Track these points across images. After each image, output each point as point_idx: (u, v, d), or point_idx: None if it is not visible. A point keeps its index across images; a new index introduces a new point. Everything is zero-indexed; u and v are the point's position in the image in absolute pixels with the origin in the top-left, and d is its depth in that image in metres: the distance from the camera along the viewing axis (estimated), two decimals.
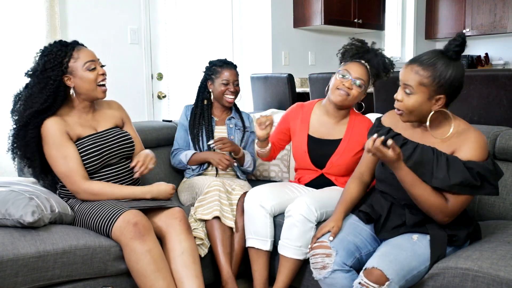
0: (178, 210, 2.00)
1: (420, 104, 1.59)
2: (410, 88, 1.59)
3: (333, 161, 2.17)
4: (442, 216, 1.61)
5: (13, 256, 1.67)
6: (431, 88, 1.56)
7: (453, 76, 1.55)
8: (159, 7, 3.73)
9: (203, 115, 2.59)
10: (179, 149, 2.60)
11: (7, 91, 2.86)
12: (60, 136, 1.93)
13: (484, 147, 1.58)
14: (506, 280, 1.43)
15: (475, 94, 2.59)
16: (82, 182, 1.94)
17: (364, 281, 1.53)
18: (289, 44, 4.38)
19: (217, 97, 2.59)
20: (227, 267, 2.07)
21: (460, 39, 1.56)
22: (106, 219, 1.85)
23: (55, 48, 1.96)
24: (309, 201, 1.97)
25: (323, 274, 1.67)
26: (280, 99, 3.62)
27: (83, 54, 1.98)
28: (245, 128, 2.66)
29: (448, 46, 1.58)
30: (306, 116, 2.26)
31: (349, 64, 2.12)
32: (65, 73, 1.95)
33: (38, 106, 1.90)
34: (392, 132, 1.75)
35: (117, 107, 2.22)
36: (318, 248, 1.72)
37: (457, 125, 1.64)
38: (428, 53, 1.61)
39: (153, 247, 1.81)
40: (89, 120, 2.06)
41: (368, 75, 2.12)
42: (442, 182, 1.57)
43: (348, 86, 2.09)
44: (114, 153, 2.05)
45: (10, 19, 2.88)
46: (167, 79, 3.85)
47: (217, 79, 2.56)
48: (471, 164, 1.55)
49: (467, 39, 1.64)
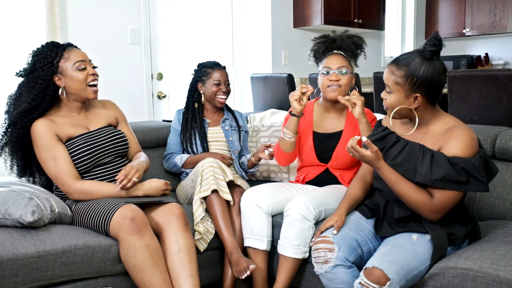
0: (175, 206, 1.99)
1: (399, 102, 1.65)
2: (389, 87, 1.66)
3: (337, 152, 2.19)
4: (428, 213, 1.62)
5: (13, 256, 1.67)
6: (406, 87, 1.62)
7: (427, 75, 1.59)
8: (159, 7, 3.73)
9: (195, 118, 2.60)
10: (173, 153, 2.61)
11: (7, 91, 2.87)
12: (49, 138, 1.94)
13: (470, 144, 1.59)
14: (506, 280, 1.43)
15: (475, 94, 2.59)
16: (73, 183, 1.95)
17: (364, 281, 1.53)
18: (289, 44, 4.38)
19: (209, 98, 2.60)
20: (230, 238, 2.08)
21: (434, 39, 1.61)
22: (103, 216, 1.86)
23: (46, 48, 1.99)
24: (307, 200, 1.97)
25: (324, 269, 1.68)
26: (280, 99, 3.62)
27: (73, 54, 2.00)
28: (239, 128, 2.68)
29: (424, 46, 1.62)
30: (309, 114, 2.29)
31: (326, 60, 2.18)
32: (55, 73, 1.97)
33: (26, 105, 1.92)
34: (387, 130, 1.78)
35: (111, 106, 2.23)
36: (320, 243, 1.72)
37: (446, 122, 1.67)
38: (408, 53, 1.67)
39: (150, 242, 1.82)
40: (81, 119, 2.07)
41: (347, 60, 2.18)
42: (424, 178, 1.59)
43: (335, 79, 2.12)
44: (107, 152, 2.06)
45: (10, 19, 2.88)
46: (167, 79, 3.85)
47: (208, 80, 2.58)
48: (456, 160, 1.56)
49: (467, 39, 1.67)
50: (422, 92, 1.61)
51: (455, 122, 1.66)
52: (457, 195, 1.61)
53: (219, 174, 2.19)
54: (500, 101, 2.51)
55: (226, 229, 2.10)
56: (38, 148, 1.95)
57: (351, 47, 2.19)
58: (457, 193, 1.60)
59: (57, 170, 1.94)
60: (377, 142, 1.75)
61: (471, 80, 2.59)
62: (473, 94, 2.59)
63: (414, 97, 1.63)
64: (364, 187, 1.90)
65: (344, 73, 2.13)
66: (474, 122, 2.60)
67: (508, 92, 2.47)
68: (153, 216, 1.97)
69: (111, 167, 2.07)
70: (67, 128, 2.01)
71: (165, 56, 3.80)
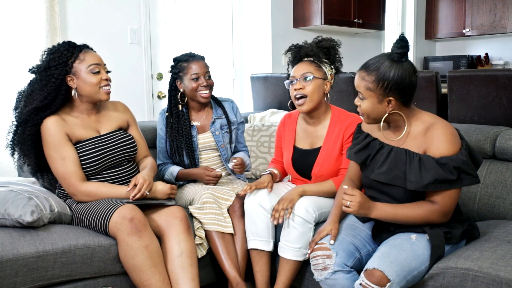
0: (178, 209, 1.99)
1: (372, 108, 1.64)
2: (361, 94, 1.65)
3: (315, 172, 2.12)
4: (438, 219, 1.62)
5: (13, 256, 1.67)
6: (378, 92, 1.61)
7: (397, 77, 1.58)
8: (159, 7, 3.73)
9: (181, 125, 2.36)
10: (163, 163, 2.44)
11: (7, 91, 2.87)
12: (60, 137, 1.93)
13: (452, 140, 1.59)
14: (506, 280, 1.43)
15: (475, 94, 2.59)
16: (79, 184, 1.94)
17: (365, 282, 1.53)
18: (289, 44, 4.29)
19: (191, 95, 2.36)
20: (233, 272, 2.03)
21: (401, 41, 1.61)
22: (102, 215, 1.86)
23: (62, 47, 1.98)
24: (307, 203, 1.97)
25: (324, 275, 1.67)
26: (280, 99, 3.61)
27: (89, 56, 1.99)
28: (230, 125, 2.46)
29: (392, 49, 1.62)
30: (293, 127, 2.23)
31: (293, 70, 2.11)
32: (68, 73, 1.95)
33: (37, 103, 1.91)
34: (369, 137, 1.77)
35: (123, 109, 2.21)
36: (318, 250, 1.72)
37: (423, 120, 1.66)
38: (376, 57, 1.66)
39: (149, 243, 1.82)
40: (92, 122, 2.06)
41: (314, 65, 2.08)
42: (416, 184, 1.59)
43: (298, 87, 2.05)
44: (116, 157, 2.06)
45: (10, 19, 2.88)
46: (167, 79, 3.84)
47: (186, 75, 2.33)
48: (444, 160, 1.56)
49: (467, 39, 1.68)
50: (395, 95, 1.61)
51: (432, 119, 1.66)
52: (456, 192, 1.61)
53: (216, 209, 2.12)
54: (500, 101, 2.51)
55: (229, 262, 2.04)
56: (47, 146, 1.94)
57: (318, 50, 2.09)
58: (455, 190, 1.60)
59: (65, 171, 1.93)
60: (361, 151, 1.76)
61: (471, 80, 2.59)
62: (473, 94, 2.59)
63: (388, 101, 1.62)
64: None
65: (307, 79, 2.04)
66: (474, 122, 2.60)
67: (508, 92, 2.47)
68: (156, 218, 1.97)
69: (118, 170, 2.07)
70: (78, 129, 2.00)
71: (165, 56, 3.80)
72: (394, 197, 1.70)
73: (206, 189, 2.23)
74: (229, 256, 2.06)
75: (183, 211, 2.01)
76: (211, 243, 2.10)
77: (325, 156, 2.10)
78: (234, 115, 2.52)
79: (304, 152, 2.16)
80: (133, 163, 2.16)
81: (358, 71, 1.66)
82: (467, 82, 2.62)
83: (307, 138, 2.18)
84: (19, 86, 2.07)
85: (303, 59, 2.12)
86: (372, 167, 1.72)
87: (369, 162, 1.74)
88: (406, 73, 1.60)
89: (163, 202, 2.02)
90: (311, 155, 2.14)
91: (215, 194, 2.18)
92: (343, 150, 2.08)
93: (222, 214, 2.13)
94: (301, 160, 2.16)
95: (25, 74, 2.86)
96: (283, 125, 2.27)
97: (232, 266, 2.04)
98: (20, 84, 2.86)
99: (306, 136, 2.18)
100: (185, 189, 2.36)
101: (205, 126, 2.45)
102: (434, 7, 5.64)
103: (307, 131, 2.18)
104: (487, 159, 2.13)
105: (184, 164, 2.41)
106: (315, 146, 2.14)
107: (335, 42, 2.16)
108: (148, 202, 1.98)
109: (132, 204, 1.89)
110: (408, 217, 1.62)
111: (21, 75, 2.88)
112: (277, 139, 2.32)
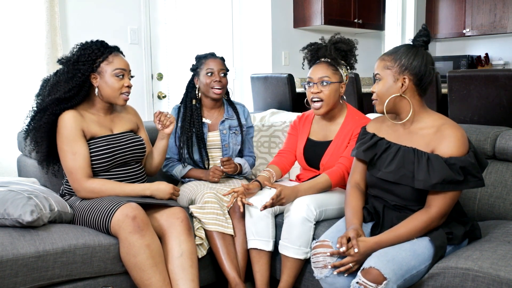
0: (180, 210, 2.01)
1: (387, 88, 1.68)
2: (378, 75, 1.70)
3: (323, 162, 2.17)
4: (436, 222, 1.64)
5: (13, 256, 1.67)
6: (394, 69, 1.67)
7: (414, 59, 1.65)
8: (159, 7, 3.73)
9: (193, 120, 2.44)
10: (171, 159, 2.49)
11: (7, 90, 2.87)
12: (75, 132, 1.96)
13: (462, 141, 1.60)
14: (506, 280, 1.43)
15: (475, 94, 2.59)
16: (84, 181, 1.96)
17: (362, 280, 1.53)
18: (289, 44, 4.37)
19: (204, 91, 2.45)
20: (233, 273, 2.03)
21: (425, 30, 1.70)
22: (104, 213, 1.86)
23: (94, 45, 2.03)
24: (308, 201, 1.97)
25: (324, 273, 1.67)
26: (280, 99, 3.62)
27: (117, 60, 2.03)
28: (241, 128, 2.54)
29: (415, 37, 1.70)
30: (309, 121, 2.31)
31: (310, 71, 2.16)
32: (94, 71, 2.00)
33: (61, 94, 1.95)
34: (376, 137, 1.78)
35: (133, 113, 2.28)
36: (319, 247, 1.71)
37: (433, 119, 1.68)
38: (397, 46, 1.74)
39: (151, 242, 1.82)
40: (107, 121, 2.11)
41: (332, 68, 2.13)
42: (424, 183, 1.60)
43: (316, 91, 2.11)
44: (126, 156, 2.09)
45: (10, 19, 2.88)
46: (167, 79, 3.85)
47: (202, 70, 2.44)
48: (453, 160, 1.57)
49: (467, 39, 1.71)
50: (410, 76, 1.65)
51: (443, 119, 1.68)
52: (457, 195, 1.62)
53: (218, 209, 2.13)
54: (500, 101, 2.51)
55: (229, 263, 2.05)
56: (61, 139, 1.97)
57: (336, 53, 2.13)
58: (455, 193, 1.61)
59: (73, 165, 1.95)
60: (368, 150, 1.76)
61: (471, 80, 2.59)
62: (473, 94, 2.59)
63: (402, 80, 1.65)
64: (362, 196, 1.87)
65: (324, 84, 2.10)
66: (474, 122, 2.60)
67: (508, 92, 2.47)
68: (157, 218, 1.98)
69: (126, 169, 2.09)
70: (93, 126, 2.04)
71: (165, 56, 3.80)
72: (399, 195, 1.71)
73: (209, 188, 2.24)
74: (229, 256, 2.06)
75: (184, 212, 2.01)
76: (211, 243, 2.11)
77: (334, 149, 2.16)
78: (244, 119, 2.60)
79: (316, 144, 2.23)
80: (140, 164, 2.20)
81: (379, 58, 1.73)
82: (467, 82, 2.62)
83: (321, 132, 2.25)
84: (19, 86, 2.07)
85: (321, 59, 2.16)
86: (379, 166, 1.72)
87: (376, 161, 1.74)
88: (425, 58, 1.66)
89: (165, 202, 2.02)
90: (322, 146, 2.20)
91: (218, 194, 2.19)
92: (348, 143, 2.13)
93: (223, 215, 2.14)
94: (312, 151, 2.23)
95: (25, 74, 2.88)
96: (300, 119, 2.35)
97: (232, 267, 2.04)
98: (20, 84, 2.88)
99: (320, 129, 2.26)
100: (187, 186, 2.37)
101: (215, 125, 2.51)
102: (434, 7, 5.64)
103: (322, 124, 2.26)
104: (487, 159, 2.13)
105: (192, 159, 2.44)
106: (328, 139, 2.21)
107: (352, 44, 2.20)
108: (150, 202, 1.99)
109: (135, 202, 1.89)
110: (409, 233, 1.62)
111: (21, 75, 2.89)
112: (291, 128, 2.37)
